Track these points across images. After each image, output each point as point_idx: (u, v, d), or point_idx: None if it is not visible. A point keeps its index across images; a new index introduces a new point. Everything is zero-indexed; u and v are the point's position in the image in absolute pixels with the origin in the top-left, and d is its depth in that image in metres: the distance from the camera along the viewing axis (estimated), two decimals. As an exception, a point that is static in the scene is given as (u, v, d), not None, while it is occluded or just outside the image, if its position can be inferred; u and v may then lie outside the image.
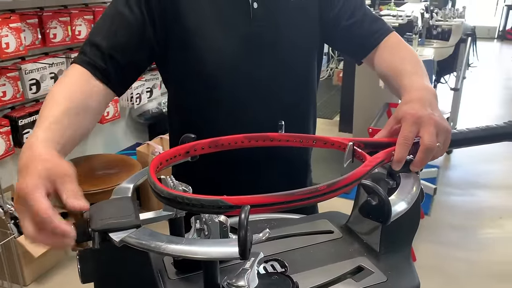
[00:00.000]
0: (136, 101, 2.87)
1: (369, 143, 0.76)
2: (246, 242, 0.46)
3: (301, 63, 1.00)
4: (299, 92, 1.02)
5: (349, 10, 1.00)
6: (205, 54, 0.92)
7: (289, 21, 0.95)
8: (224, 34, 0.92)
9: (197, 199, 0.51)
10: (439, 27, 3.44)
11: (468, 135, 0.80)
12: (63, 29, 2.33)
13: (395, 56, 0.95)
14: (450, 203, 3.09)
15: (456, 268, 2.41)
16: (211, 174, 1.00)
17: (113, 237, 0.53)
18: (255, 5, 0.92)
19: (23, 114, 2.19)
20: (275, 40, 0.94)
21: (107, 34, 0.88)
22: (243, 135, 0.81)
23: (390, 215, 0.51)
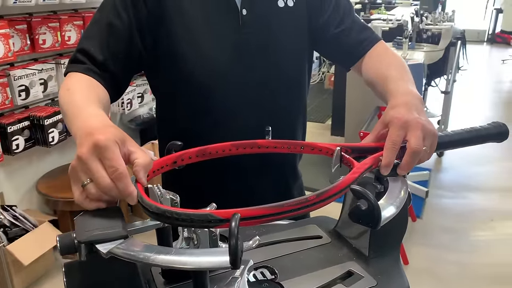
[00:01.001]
0: (127, 107, 2.86)
1: (356, 148, 0.76)
2: (237, 251, 0.45)
3: (292, 67, 0.99)
4: (290, 97, 1.01)
5: (338, 17, 1.01)
6: (193, 60, 0.91)
7: (279, 26, 0.95)
8: (212, 40, 0.91)
9: (186, 213, 0.51)
10: (429, 31, 3.46)
11: (453, 138, 0.80)
12: (52, 34, 2.32)
13: (381, 63, 0.95)
14: (442, 206, 3.10)
15: (448, 270, 2.42)
16: (198, 182, 0.99)
17: (100, 248, 0.52)
18: (244, 11, 0.92)
19: (12, 121, 2.17)
20: (265, 46, 0.94)
21: (98, 43, 0.87)
22: (230, 143, 0.80)
23: (380, 220, 0.51)
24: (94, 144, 0.58)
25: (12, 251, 2.05)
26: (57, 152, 2.63)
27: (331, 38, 1.00)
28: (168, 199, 0.64)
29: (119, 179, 0.57)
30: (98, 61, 0.86)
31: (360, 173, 0.60)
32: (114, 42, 0.88)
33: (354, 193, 0.52)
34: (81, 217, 0.59)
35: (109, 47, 0.88)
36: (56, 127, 2.33)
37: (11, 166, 2.35)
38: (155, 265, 0.50)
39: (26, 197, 2.47)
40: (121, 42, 0.89)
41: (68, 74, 0.86)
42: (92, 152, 0.58)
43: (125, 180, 0.57)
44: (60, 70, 2.44)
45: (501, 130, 0.82)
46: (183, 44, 0.91)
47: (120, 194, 0.58)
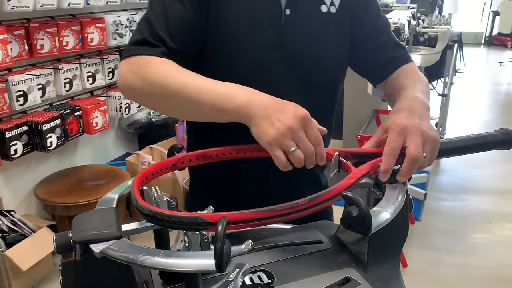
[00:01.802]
0: (125, 111, 2.86)
1: (356, 153, 0.77)
2: (222, 255, 0.46)
3: (327, 78, 0.97)
4: (320, 111, 0.96)
5: (376, 32, 1.01)
6: (235, 54, 0.89)
7: (319, 31, 0.94)
8: (253, 36, 0.90)
9: (176, 216, 0.51)
10: (425, 34, 3.47)
11: (458, 144, 0.79)
12: (50, 40, 2.32)
13: (405, 78, 0.97)
14: (440, 208, 3.11)
15: (446, 273, 2.42)
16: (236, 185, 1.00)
17: (94, 248, 0.54)
18: (287, 11, 0.90)
19: (10, 126, 2.17)
20: (303, 50, 0.92)
21: (166, 28, 0.84)
22: (231, 146, 0.81)
23: (370, 226, 0.51)
24: (302, 117, 0.70)
25: (11, 256, 2.05)
26: (55, 157, 2.63)
27: (366, 51, 1.01)
28: (165, 202, 0.65)
29: (319, 144, 0.71)
30: (169, 45, 0.84)
31: (356, 179, 0.61)
32: (178, 24, 0.85)
33: (345, 199, 0.53)
34: (78, 217, 0.61)
35: (175, 30, 0.85)
36: (54, 132, 2.33)
37: (9, 171, 2.35)
38: (144, 267, 0.50)
39: (25, 202, 2.47)
40: (185, 24, 0.86)
41: (142, 58, 0.82)
42: (300, 123, 0.69)
43: (322, 145, 0.71)
44: (58, 75, 2.44)
45: (510, 138, 0.80)
46: (228, 31, 0.88)
47: (318, 157, 0.71)
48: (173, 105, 0.81)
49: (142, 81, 0.80)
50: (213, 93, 0.75)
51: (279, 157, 0.70)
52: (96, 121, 2.62)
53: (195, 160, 0.77)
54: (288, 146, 0.69)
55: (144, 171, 0.69)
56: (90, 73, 2.63)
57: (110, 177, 2.62)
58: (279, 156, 0.70)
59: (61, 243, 0.58)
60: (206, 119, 0.80)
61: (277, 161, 0.71)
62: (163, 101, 0.81)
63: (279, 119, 0.70)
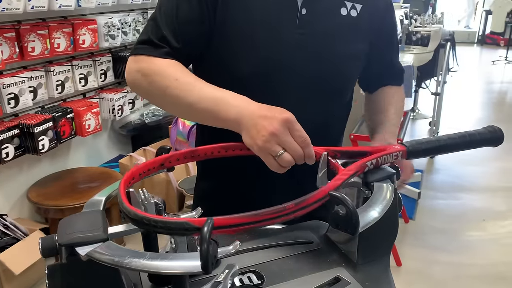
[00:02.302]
0: (118, 113, 2.85)
1: (344, 152, 0.77)
2: (208, 256, 0.46)
3: (338, 80, 0.96)
4: (329, 113, 0.98)
5: (392, 47, 1.07)
6: (242, 52, 0.89)
7: (337, 34, 0.92)
8: (265, 35, 0.89)
9: (163, 221, 0.51)
10: (418, 33, 3.49)
11: (446, 142, 0.80)
12: (41, 42, 2.31)
13: (391, 98, 1.09)
14: (434, 207, 3.11)
15: (441, 271, 2.42)
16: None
17: (79, 251, 0.53)
18: (303, 11, 0.89)
19: (1, 129, 2.15)
20: (320, 50, 0.91)
21: (171, 28, 0.87)
22: (219, 145, 0.81)
23: (357, 226, 0.51)
24: (285, 120, 0.72)
25: (3, 260, 2.03)
26: (48, 160, 2.62)
27: (376, 59, 1.03)
28: (152, 203, 0.64)
29: (307, 145, 0.72)
30: (173, 46, 0.87)
31: (344, 180, 0.61)
32: (185, 24, 0.87)
33: (333, 198, 0.52)
34: (64, 220, 0.61)
35: (181, 30, 0.87)
36: (46, 135, 2.32)
37: (1, 174, 2.34)
38: (130, 269, 0.50)
39: (17, 205, 2.45)
40: (192, 24, 0.88)
41: (148, 59, 0.86)
42: (285, 127, 0.71)
43: (310, 146, 0.73)
44: (50, 78, 2.43)
45: (497, 135, 0.80)
46: (239, 30, 0.89)
47: (306, 157, 0.73)
48: (174, 111, 0.90)
49: (148, 86, 0.86)
50: (210, 102, 0.80)
51: (270, 162, 0.74)
52: (88, 123, 2.60)
53: (183, 159, 0.77)
54: (275, 151, 0.72)
55: (131, 172, 0.68)
56: (82, 75, 2.62)
57: (103, 179, 2.61)
58: (269, 162, 0.74)
59: (47, 246, 0.57)
60: (206, 124, 0.85)
61: (269, 166, 0.74)
62: (165, 107, 0.91)
63: (263, 125, 0.72)
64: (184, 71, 0.86)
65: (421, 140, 0.79)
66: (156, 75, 0.84)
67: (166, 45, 0.87)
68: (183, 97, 0.82)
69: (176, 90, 0.82)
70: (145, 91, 0.88)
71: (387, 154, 0.73)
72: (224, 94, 0.80)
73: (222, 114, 0.78)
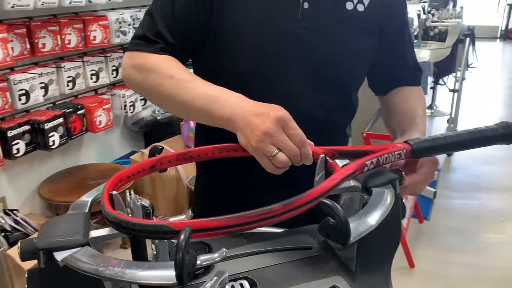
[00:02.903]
0: (129, 109, 2.84)
1: (344, 151, 0.73)
2: (183, 266, 0.42)
3: (341, 76, 0.92)
4: (330, 110, 0.93)
5: (404, 42, 1.01)
6: (239, 47, 0.86)
7: (342, 28, 0.89)
8: (264, 30, 0.86)
9: (142, 224, 0.48)
10: (435, 28, 3.40)
11: (454, 140, 0.75)
12: (52, 38, 2.31)
13: (415, 102, 1.00)
14: (450, 207, 3.03)
15: (456, 273, 2.36)
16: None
17: (56, 256, 0.51)
18: (305, 5, 0.86)
19: (12, 125, 2.16)
20: (321, 45, 0.88)
21: (167, 23, 0.85)
22: (213, 146, 0.78)
23: (348, 236, 0.47)
24: (278, 119, 0.68)
25: (13, 255, 2.04)
26: (59, 156, 2.63)
27: (386, 56, 0.98)
28: (139, 206, 0.62)
29: (303, 145, 0.68)
30: (168, 41, 0.85)
31: (339, 181, 0.57)
32: (181, 19, 0.86)
33: (323, 206, 0.49)
34: (46, 223, 0.58)
35: (176, 25, 0.86)
36: (56, 131, 2.32)
37: (13, 170, 2.35)
38: (103, 278, 0.47)
39: (28, 201, 2.47)
40: (188, 19, 0.86)
41: (143, 55, 0.85)
42: (278, 126, 0.67)
43: (307, 145, 0.69)
44: (61, 74, 2.43)
45: (510, 132, 0.74)
46: (237, 25, 0.86)
47: (303, 157, 0.69)
48: (169, 108, 0.88)
49: (142, 82, 0.84)
50: (204, 101, 0.77)
51: (265, 163, 0.70)
52: (99, 120, 2.60)
53: (175, 161, 0.74)
54: (269, 151, 0.68)
55: (118, 174, 0.65)
56: (93, 71, 2.62)
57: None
58: (264, 163, 0.70)
59: (26, 250, 0.55)
60: (202, 122, 0.83)
61: (265, 167, 0.71)
62: (160, 104, 0.88)
63: (257, 124, 0.69)
64: (179, 67, 0.83)
65: (427, 137, 0.74)
66: (150, 71, 0.82)
67: (161, 40, 0.85)
68: (177, 94, 0.79)
69: (170, 88, 0.80)
70: (140, 87, 0.86)
71: (389, 153, 0.69)
72: (219, 93, 0.77)
73: (216, 113, 0.76)
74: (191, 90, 0.78)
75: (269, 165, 0.70)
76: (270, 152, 0.68)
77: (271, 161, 0.69)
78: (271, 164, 0.69)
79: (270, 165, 0.70)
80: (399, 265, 2.38)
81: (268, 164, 0.70)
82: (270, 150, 0.68)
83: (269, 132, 0.67)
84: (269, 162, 0.69)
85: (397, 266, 2.38)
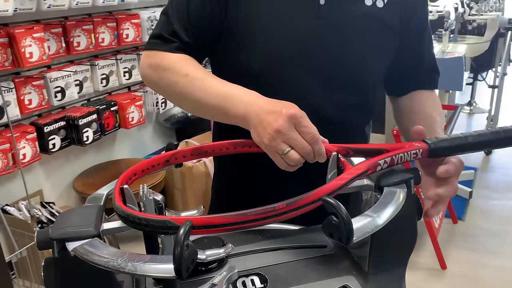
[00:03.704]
0: (161, 106, 2.90)
1: (359, 149, 0.71)
2: (181, 260, 0.43)
3: (358, 75, 0.90)
4: (349, 110, 0.92)
5: (423, 41, 0.98)
6: (254, 46, 0.86)
7: (360, 25, 0.87)
8: (279, 28, 0.85)
9: (147, 218, 0.49)
10: (474, 21, 3.27)
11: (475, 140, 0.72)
12: (86, 37, 2.38)
13: (433, 105, 0.97)
14: (487, 208, 2.92)
15: (489, 277, 2.27)
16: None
17: (68, 246, 0.53)
18: (321, 1, 0.84)
19: (49, 121, 2.25)
20: (338, 41, 0.86)
21: (182, 23, 0.86)
22: (227, 141, 0.78)
23: (350, 236, 0.46)
24: (290, 116, 0.67)
25: (49, 246, 2.13)
26: (93, 151, 2.71)
27: (404, 56, 0.95)
28: (151, 200, 0.63)
29: (316, 142, 0.68)
30: (184, 40, 0.86)
31: (348, 180, 0.56)
32: (195, 19, 0.86)
33: (325, 204, 0.48)
34: (62, 214, 0.61)
35: (191, 24, 0.86)
36: (90, 127, 2.40)
37: (49, 164, 2.45)
38: (107, 269, 0.48)
39: (64, 194, 2.57)
40: (203, 19, 0.86)
41: (159, 54, 0.86)
42: (290, 124, 0.67)
43: (320, 143, 0.68)
44: (95, 72, 2.50)
45: None
46: (251, 23, 0.86)
47: (316, 154, 0.68)
48: (185, 106, 0.88)
49: (159, 81, 0.85)
50: (219, 99, 0.78)
51: (278, 161, 0.70)
52: (132, 116, 2.66)
53: (189, 155, 0.74)
54: (281, 149, 0.68)
55: (133, 168, 0.67)
56: (126, 68, 2.68)
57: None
58: (277, 160, 0.70)
59: (42, 239, 0.58)
60: (217, 120, 0.83)
61: (278, 165, 0.71)
62: (176, 102, 0.89)
63: (269, 122, 0.69)
64: (195, 65, 0.84)
65: (445, 136, 0.72)
66: (166, 70, 0.83)
67: (177, 39, 0.85)
68: (191, 92, 0.80)
69: (185, 86, 0.80)
70: (156, 86, 0.87)
71: (404, 152, 0.67)
72: (234, 90, 0.77)
73: (231, 111, 0.76)
74: (205, 88, 0.79)
75: (282, 163, 0.70)
76: (282, 150, 0.68)
77: (283, 159, 0.69)
78: (283, 161, 0.69)
79: (282, 163, 0.70)
80: (430, 266, 2.32)
81: (280, 161, 0.70)
82: (282, 148, 0.68)
83: (280, 130, 0.67)
84: (282, 159, 0.69)
85: (428, 267, 2.32)
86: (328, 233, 0.48)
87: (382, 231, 0.55)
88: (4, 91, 2.02)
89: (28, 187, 2.13)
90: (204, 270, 0.63)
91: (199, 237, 0.66)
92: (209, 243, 0.66)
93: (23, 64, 2.02)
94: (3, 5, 1.87)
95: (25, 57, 2.02)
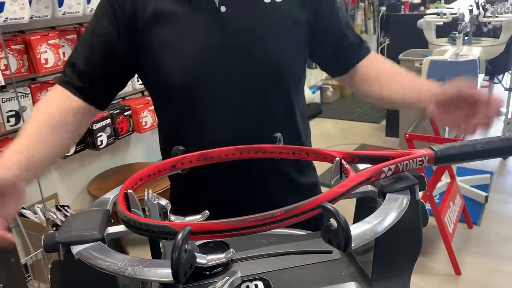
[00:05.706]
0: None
1: (364, 156, 0.71)
2: (178, 265, 0.44)
3: (271, 72, 0.92)
4: (273, 105, 0.94)
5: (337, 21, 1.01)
6: (168, 61, 0.89)
7: (263, 23, 0.90)
8: (190, 39, 0.88)
9: (146, 223, 0.50)
10: (489, 23, 3.22)
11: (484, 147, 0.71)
12: (100, 43, 2.42)
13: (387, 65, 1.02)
14: (504, 212, 2.87)
15: (506, 283, 2.23)
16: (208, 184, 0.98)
17: (73, 250, 0.55)
18: (222, 8, 0.88)
19: (64, 126, 2.28)
20: (247, 44, 0.89)
21: (82, 53, 0.93)
22: (234, 147, 0.78)
23: (349, 242, 0.46)
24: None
25: (63, 249, 2.16)
26: (107, 155, 2.75)
27: (324, 40, 0.99)
28: (156, 205, 0.64)
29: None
30: (81, 72, 0.91)
31: (349, 188, 0.56)
32: (95, 51, 0.91)
33: (323, 210, 0.48)
34: (68, 218, 0.63)
35: (92, 56, 0.91)
36: (104, 131, 2.43)
37: (64, 168, 2.49)
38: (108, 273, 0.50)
39: (79, 198, 2.61)
40: (104, 50, 0.91)
41: (54, 86, 0.95)
42: None
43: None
44: (109, 77, 2.54)
45: None
46: (160, 45, 0.89)
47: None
48: None
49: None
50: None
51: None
52: (145, 120, 2.69)
53: (195, 161, 0.75)
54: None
55: (139, 173, 0.68)
56: (140, 73, 2.71)
57: (159, 174, 2.69)
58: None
59: (48, 242, 0.59)
60: None
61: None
62: None
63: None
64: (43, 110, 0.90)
65: (453, 144, 0.71)
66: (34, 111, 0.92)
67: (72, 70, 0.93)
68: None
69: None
70: None
71: (410, 160, 0.66)
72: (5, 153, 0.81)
73: None
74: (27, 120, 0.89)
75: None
76: None
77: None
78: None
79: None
80: (444, 271, 2.29)
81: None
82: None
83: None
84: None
85: (443, 273, 2.29)
86: (326, 239, 0.48)
87: (386, 237, 0.55)
88: (21, 97, 2.07)
89: (43, 191, 2.17)
90: (208, 275, 0.64)
91: (205, 241, 0.67)
92: (214, 248, 0.66)
93: (39, 70, 2.06)
94: (20, 13, 1.92)
95: (41, 63, 2.06)
